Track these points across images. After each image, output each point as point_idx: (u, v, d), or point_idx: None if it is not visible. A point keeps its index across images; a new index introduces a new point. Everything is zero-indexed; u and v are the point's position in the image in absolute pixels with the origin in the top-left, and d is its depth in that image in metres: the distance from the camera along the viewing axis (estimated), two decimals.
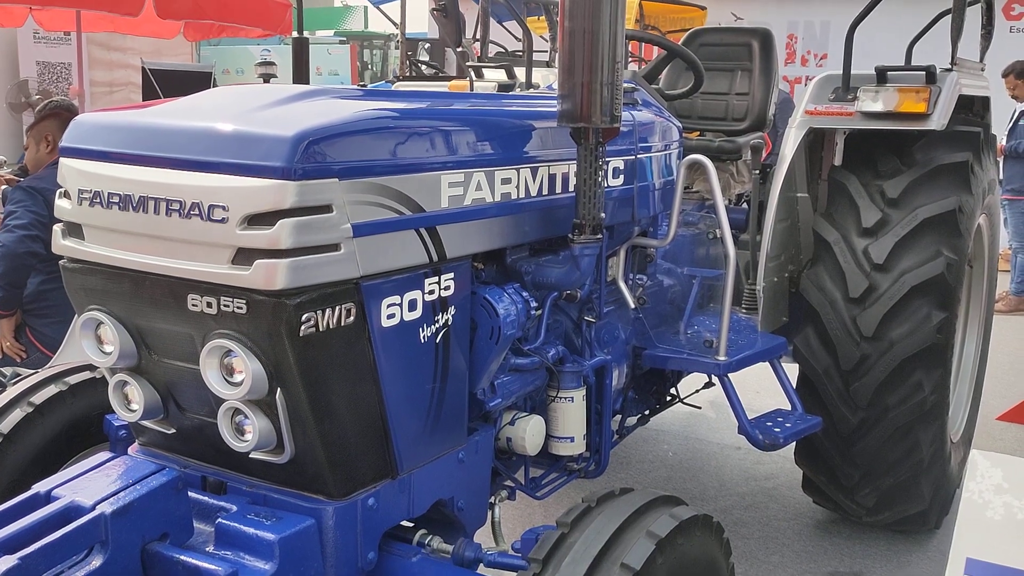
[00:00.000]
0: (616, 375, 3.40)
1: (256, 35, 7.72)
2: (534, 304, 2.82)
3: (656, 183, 3.46)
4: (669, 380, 4.06)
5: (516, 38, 9.57)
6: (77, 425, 2.94)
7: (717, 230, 3.71)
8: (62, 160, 2.36)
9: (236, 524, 2.21)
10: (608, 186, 3.11)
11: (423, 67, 9.26)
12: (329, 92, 2.41)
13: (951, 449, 4.18)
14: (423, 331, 2.45)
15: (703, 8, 10.63)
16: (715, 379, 4.35)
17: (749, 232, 3.98)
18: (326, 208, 2.12)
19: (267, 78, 10.57)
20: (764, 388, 4.38)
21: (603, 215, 2.77)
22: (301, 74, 9.68)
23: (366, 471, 2.37)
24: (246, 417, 2.22)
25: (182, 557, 2.13)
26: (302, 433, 2.22)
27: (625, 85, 3.62)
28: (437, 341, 2.50)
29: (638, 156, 3.30)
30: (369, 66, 26.69)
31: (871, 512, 4.05)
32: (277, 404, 2.18)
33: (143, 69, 9.57)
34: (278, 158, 2.04)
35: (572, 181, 2.92)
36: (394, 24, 9.96)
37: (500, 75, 4.49)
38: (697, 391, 4.32)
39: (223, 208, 2.07)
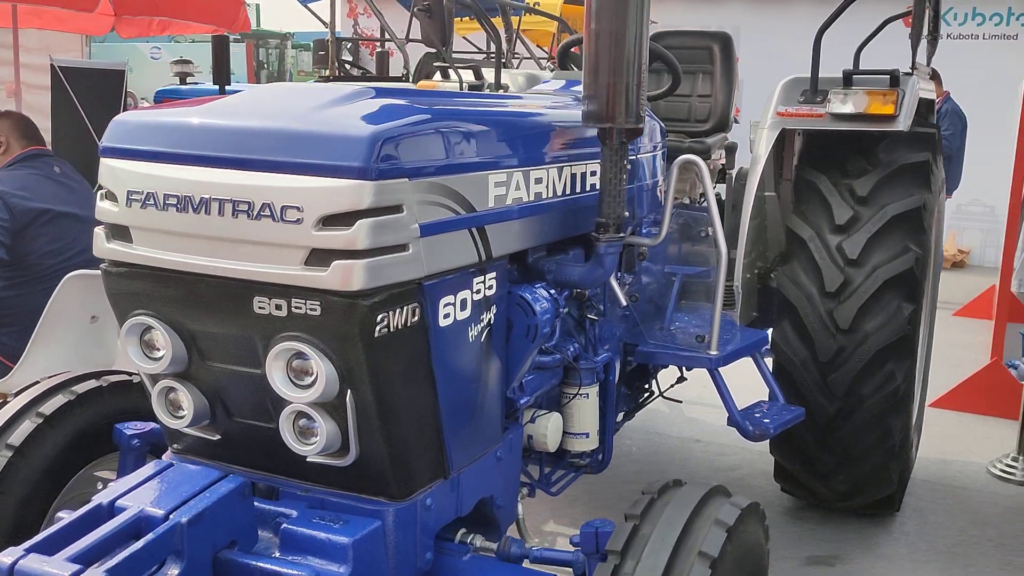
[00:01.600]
0: (616, 371, 3.46)
1: (204, 31, 7.49)
2: (562, 303, 2.85)
3: (648, 182, 3.54)
4: (650, 375, 4.15)
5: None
6: (86, 435, 2.86)
7: (709, 228, 3.81)
8: (104, 161, 2.29)
9: (304, 529, 2.18)
10: (595, 189, 3.17)
11: (348, 67, 9.19)
12: (373, 92, 2.40)
13: (912, 434, 4.38)
14: (471, 330, 2.46)
15: None
16: (686, 373, 4.50)
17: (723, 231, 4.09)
18: (398, 208, 2.11)
19: (183, 77, 10.35)
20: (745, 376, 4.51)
21: (626, 213, 2.82)
22: (222, 73, 9.49)
23: (424, 472, 2.37)
24: (311, 420, 2.19)
25: (259, 564, 2.10)
26: (368, 435, 2.21)
27: None
28: (482, 340, 2.52)
29: (637, 156, 3.37)
30: (265, 65, 26.23)
31: (843, 497, 4.22)
32: (347, 406, 2.16)
33: (52, 67, 9.19)
34: (355, 158, 2.03)
35: (589, 180, 2.98)
36: (324, 23, 9.83)
37: (468, 76, 4.52)
38: (672, 386, 4.42)
39: (297, 209, 2.05)
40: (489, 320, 2.54)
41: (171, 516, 2.04)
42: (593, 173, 3.00)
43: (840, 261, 3.93)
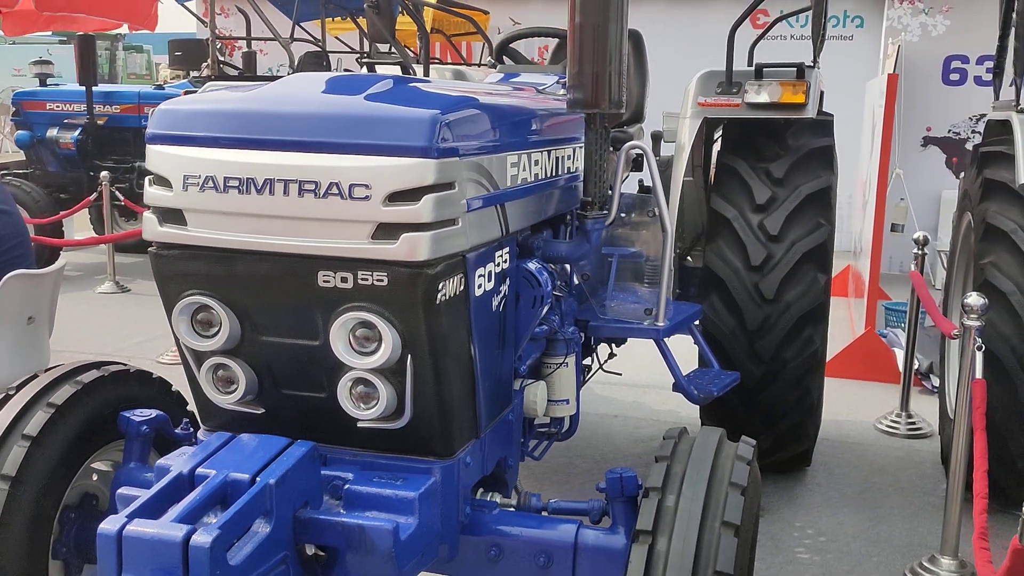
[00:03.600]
0: (579, 344, 3.70)
1: (110, 27, 7.26)
2: (556, 277, 3.08)
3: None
4: (592, 350, 4.42)
5: (314, 39, 9.62)
6: (93, 424, 2.87)
7: (656, 209, 4.10)
8: (152, 148, 2.37)
9: (367, 488, 2.33)
10: (569, 172, 3.42)
11: (221, 67, 9.10)
12: (402, 80, 2.56)
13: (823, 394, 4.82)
14: (495, 300, 2.66)
15: (486, 13, 11.10)
16: (615, 348, 4.79)
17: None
18: (452, 185, 2.29)
19: (43, 78, 9.99)
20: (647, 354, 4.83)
21: (609, 191, 3.07)
22: (87, 72, 9.25)
23: (464, 432, 2.55)
24: (371, 386, 2.34)
25: (341, 520, 2.24)
26: (422, 398, 2.38)
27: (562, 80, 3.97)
28: (501, 310, 2.72)
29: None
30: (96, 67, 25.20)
31: (766, 454, 4.59)
32: (407, 370, 2.32)
33: None
34: (420, 138, 2.20)
35: (565, 164, 3.21)
36: (202, 22, 9.67)
37: (395, 71, 4.68)
38: (607, 360, 4.70)
39: (366, 187, 2.20)
40: (504, 292, 2.74)
41: (257, 479, 2.15)
42: (569, 157, 3.24)
43: (762, 237, 4.30)
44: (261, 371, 2.46)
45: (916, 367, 6.46)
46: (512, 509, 2.77)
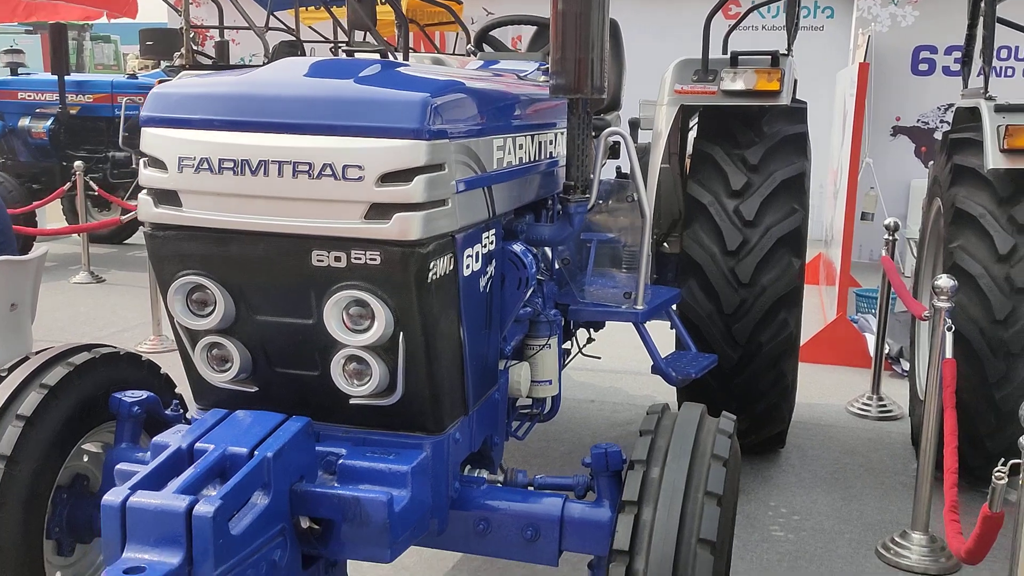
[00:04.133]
0: (561, 326, 3.77)
1: (92, 16, 7.24)
2: (540, 259, 3.15)
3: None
4: (571, 334, 4.49)
5: (289, 28, 9.61)
6: (85, 405, 2.90)
7: (634, 195, 4.17)
8: (147, 130, 2.41)
9: (361, 462, 2.39)
10: (551, 157, 3.48)
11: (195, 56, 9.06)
12: (390, 64, 2.62)
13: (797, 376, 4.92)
14: (481, 281, 2.72)
15: (460, 2, 11.13)
16: (593, 333, 4.86)
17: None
18: (442, 166, 2.35)
19: (15, 67, 9.92)
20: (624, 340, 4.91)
21: (592, 176, 3.14)
22: (60, 61, 9.20)
23: (453, 408, 2.62)
24: (364, 363, 2.40)
25: (337, 492, 2.30)
26: (414, 374, 2.44)
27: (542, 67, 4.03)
28: (487, 291, 2.78)
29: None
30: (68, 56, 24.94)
31: (742, 436, 4.63)
32: (399, 347, 2.38)
33: None
34: (412, 120, 2.26)
35: (547, 149, 3.28)
36: (176, 11, 9.63)
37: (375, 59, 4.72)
38: (586, 344, 4.78)
39: (359, 168, 2.25)
40: (491, 273, 2.81)
41: (255, 453, 2.21)
42: (551, 142, 3.30)
43: (738, 222, 4.39)
44: (255, 349, 2.51)
45: (887, 352, 6.60)
46: (499, 485, 2.83)
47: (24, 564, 2.68)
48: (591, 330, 4.77)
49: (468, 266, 2.59)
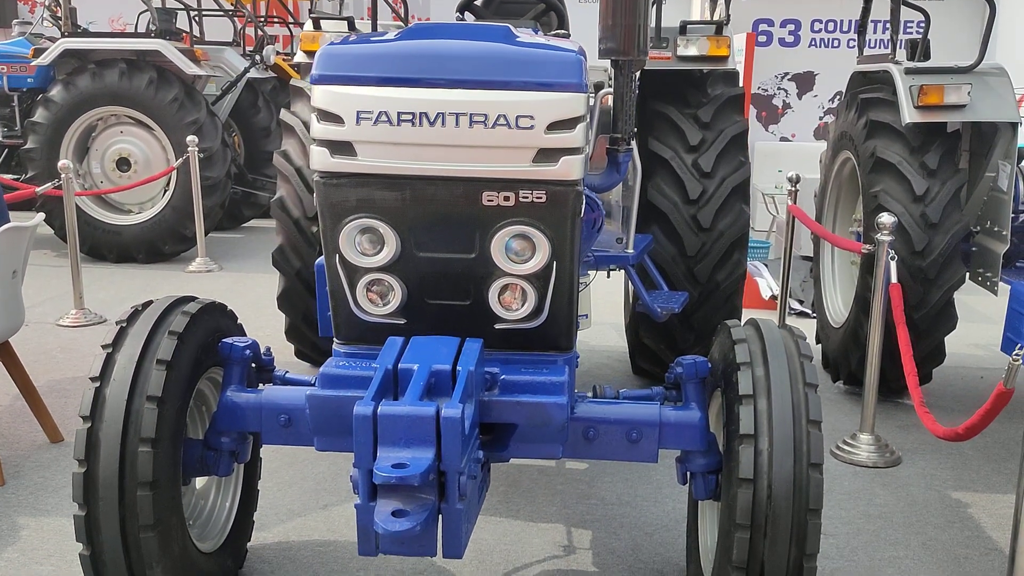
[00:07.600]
0: None
1: None
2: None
3: None
4: None
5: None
6: (202, 349, 3.09)
7: None
8: (318, 88, 2.64)
9: (520, 377, 2.74)
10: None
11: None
12: (512, 30, 2.94)
13: None
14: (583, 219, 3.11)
15: None
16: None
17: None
18: (587, 116, 2.72)
19: None
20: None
21: (635, 129, 3.57)
22: None
23: (575, 330, 3.00)
24: (521, 291, 2.75)
25: (519, 399, 2.64)
26: (559, 299, 2.81)
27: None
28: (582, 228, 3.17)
29: None
30: None
31: None
32: (551, 275, 2.74)
33: None
34: (575, 75, 2.62)
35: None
36: None
37: (342, 27, 4.98)
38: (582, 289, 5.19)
39: (530, 117, 2.59)
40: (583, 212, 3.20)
41: (458, 368, 2.53)
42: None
43: (696, 174, 4.93)
44: (412, 284, 2.80)
45: (771, 294, 7.38)
46: (589, 398, 3.23)
47: (173, 499, 2.87)
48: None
49: (583, 204, 2.97)
